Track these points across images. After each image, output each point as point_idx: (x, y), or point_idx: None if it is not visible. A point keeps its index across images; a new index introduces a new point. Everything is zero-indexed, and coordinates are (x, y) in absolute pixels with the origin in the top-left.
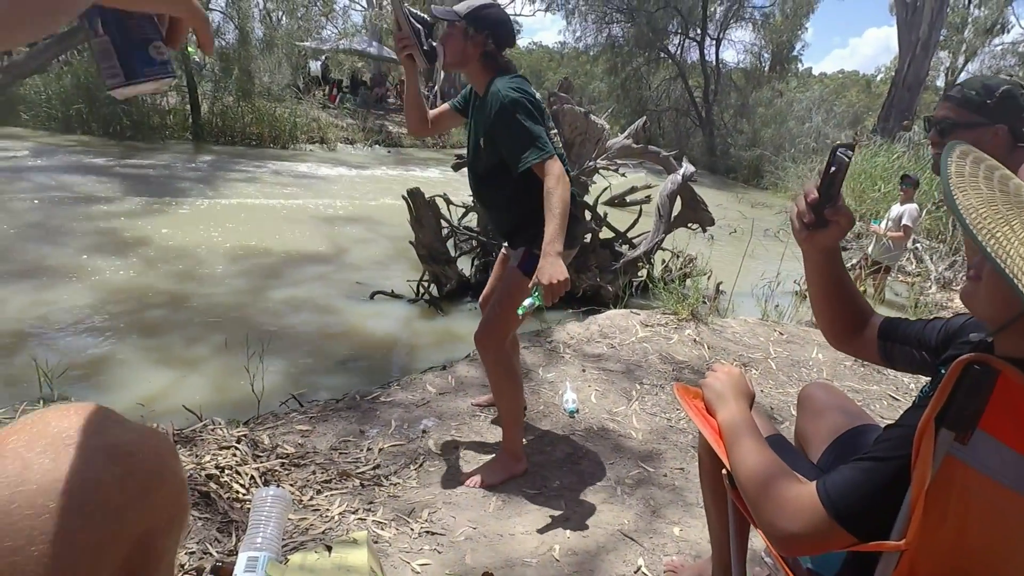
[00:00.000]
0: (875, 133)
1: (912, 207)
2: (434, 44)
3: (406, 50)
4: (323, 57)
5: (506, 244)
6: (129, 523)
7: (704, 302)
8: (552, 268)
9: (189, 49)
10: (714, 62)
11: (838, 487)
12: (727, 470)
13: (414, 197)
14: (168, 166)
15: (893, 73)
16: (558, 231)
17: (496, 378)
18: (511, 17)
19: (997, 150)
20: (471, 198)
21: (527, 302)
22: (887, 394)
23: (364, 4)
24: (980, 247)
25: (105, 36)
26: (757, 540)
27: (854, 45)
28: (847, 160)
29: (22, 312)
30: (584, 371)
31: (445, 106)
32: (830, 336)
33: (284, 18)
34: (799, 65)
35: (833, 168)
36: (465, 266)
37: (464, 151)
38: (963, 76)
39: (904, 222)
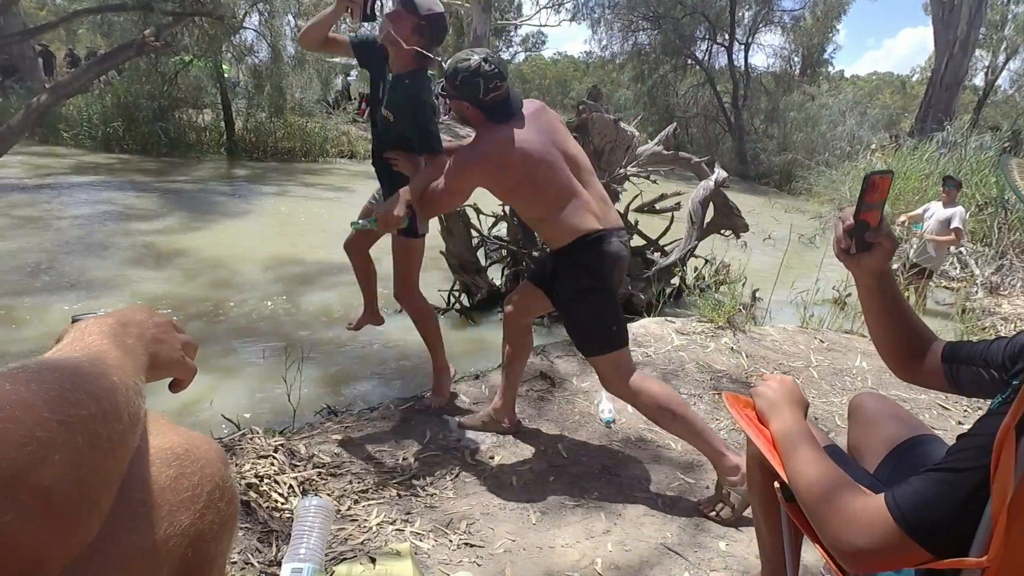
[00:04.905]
0: (912, 135)
1: (960, 209)
2: (376, 13)
3: (350, 3)
4: (350, 74)
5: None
6: (181, 525)
7: (741, 309)
8: (393, 205)
9: (224, 67)
10: (743, 67)
11: (909, 499)
12: (779, 482)
13: None
14: (204, 181)
15: (930, 73)
16: (420, 189)
17: (420, 318)
18: (539, 28)
19: (470, 119)
20: (500, 207)
21: (362, 222)
22: (936, 403)
23: None
24: None
25: None
26: (807, 555)
27: (888, 46)
28: (884, 185)
29: (64, 322)
30: None
31: (345, 38)
32: (894, 366)
33: None
34: (831, 68)
35: (867, 194)
36: (496, 275)
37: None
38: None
39: (955, 224)
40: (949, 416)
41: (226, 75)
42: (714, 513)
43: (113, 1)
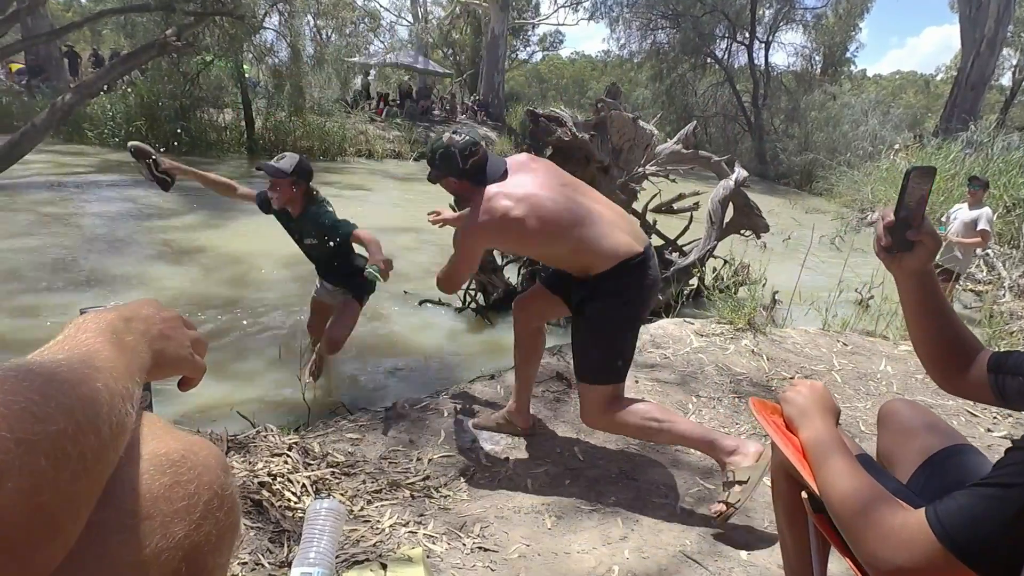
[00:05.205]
0: (936, 135)
1: (987, 210)
2: (164, 177)
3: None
4: (369, 74)
5: (327, 288)
6: (175, 537)
7: (761, 311)
8: (382, 260)
9: (245, 67)
10: (763, 66)
11: (952, 515)
12: (807, 492)
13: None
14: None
15: (955, 72)
16: (378, 253)
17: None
18: (556, 27)
19: (462, 192)
20: None
21: (371, 270)
22: (964, 410)
23: (410, 19)
24: None
25: None
26: (832, 566)
27: (912, 45)
28: (926, 182)
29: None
30: (637, 382)
31: (252, 192)
32: (935, 375)
33: (333, 35)
34: (853, 67)
35: (908, 191)
36: (512, 275)
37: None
38: None
39: (981, 226)
40: (978, 423)
41: (246, 75)
42: (723, 505)
43: (136, 2)
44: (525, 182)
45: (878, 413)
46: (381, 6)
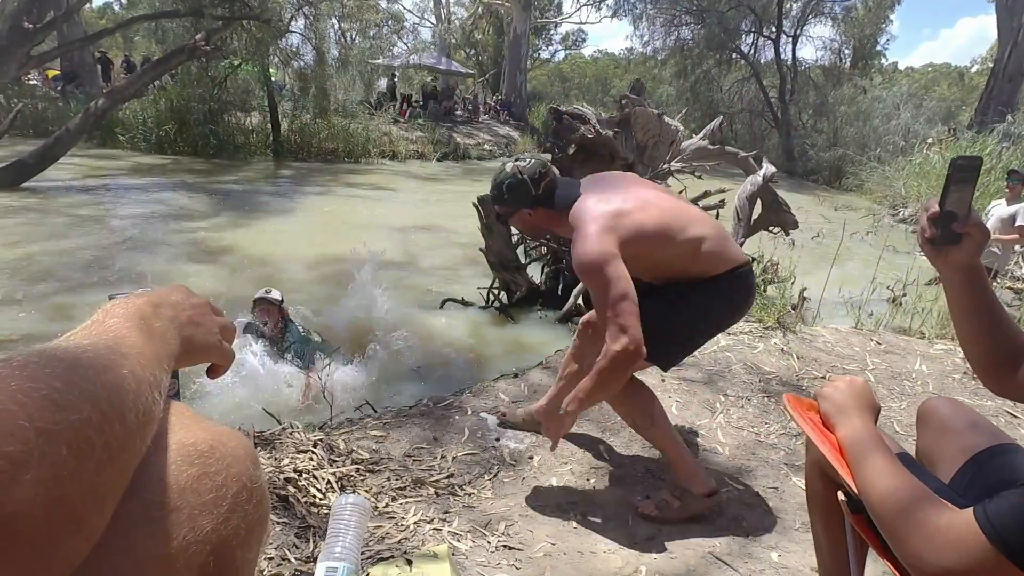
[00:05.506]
0: (971, 128)
1: None
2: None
3: None
4: (395, 75)
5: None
6: (203, 531)
7: (790, 309)
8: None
9: (271, 70)
10: (790, 60)
11: (1004, 516)
12: (844, 492)
13: (484, 204)
14: (251, 181)
15: (991, 64)
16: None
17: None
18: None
19: (540, 223)
20: None
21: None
22: (1004, 410)
23: (433, 20)
24: None
25: None
26: (869, 568)
27: (945, 36)
28: (972, 172)
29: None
30: (663, 380)
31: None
32: (983, 376)
33: (357, 38)
34: (883, 60)
35: (954, 181)
36: (535, 273)
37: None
38: None
39: (1020, 222)
40: (1019, 424)
41: (272, 78)
42: (655, 509)
43: (166, 8)
44: (615, 187)
45: (918, 411)
46: (404, 8)
